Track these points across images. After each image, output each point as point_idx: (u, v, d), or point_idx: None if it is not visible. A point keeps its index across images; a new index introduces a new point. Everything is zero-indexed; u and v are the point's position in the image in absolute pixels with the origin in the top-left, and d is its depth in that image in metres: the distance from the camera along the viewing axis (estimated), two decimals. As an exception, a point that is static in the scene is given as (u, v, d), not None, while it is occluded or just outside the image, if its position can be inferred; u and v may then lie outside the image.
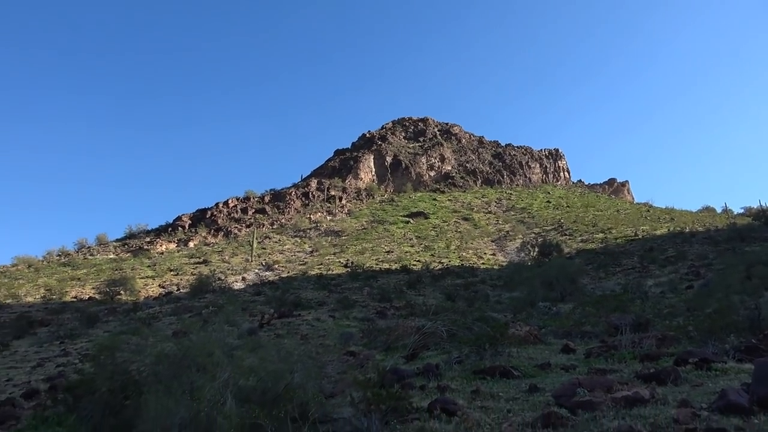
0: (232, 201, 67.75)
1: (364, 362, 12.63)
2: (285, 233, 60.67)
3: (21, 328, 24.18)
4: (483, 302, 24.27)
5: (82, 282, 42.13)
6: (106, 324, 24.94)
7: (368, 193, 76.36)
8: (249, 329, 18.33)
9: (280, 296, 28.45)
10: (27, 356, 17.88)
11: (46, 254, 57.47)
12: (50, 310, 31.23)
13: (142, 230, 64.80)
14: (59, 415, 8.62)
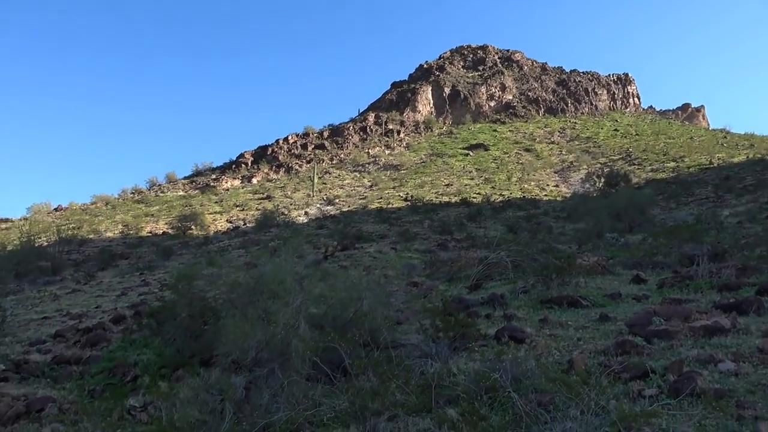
0: (291, 137, 68.50)
1: (427, 292, 12.78)
2: (344, 168, 61.12)
3: (104, 260, 25.91)
4: (546, 234, 23.85)
5: (155, 218, 44.33)
6: (180, 257, 26.28)
7: (426, 125, 75.19)
8: (314, 260, 18.85)
9: (342, 229, 28.98)
10: (111, 286, 19.18)
11: (121, 192, 60.62)
12: (128, 244, 33.19)
13: (208, 168, 66.93)
14: (145, 339, 9.23)
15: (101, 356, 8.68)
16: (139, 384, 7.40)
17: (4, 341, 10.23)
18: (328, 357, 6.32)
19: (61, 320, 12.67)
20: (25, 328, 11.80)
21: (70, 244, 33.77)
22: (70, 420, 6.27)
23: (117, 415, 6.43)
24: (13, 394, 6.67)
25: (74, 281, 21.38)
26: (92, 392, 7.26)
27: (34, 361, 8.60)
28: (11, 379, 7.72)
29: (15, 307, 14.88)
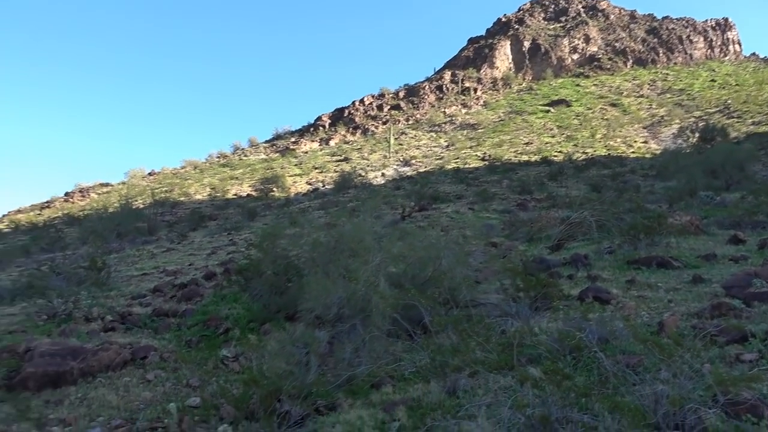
0: (367, 98, 68.53)
1: (506, 252, 12.60)
2: (420, 128, 60.61)
3: (195, 221, 27.41)
4: (633, 193, 22.70)
5: (239, 181, 46.16)
6: (264, 218, 27.30)
7: (505, 82, 72.74)
8: (392, 221, 19.01)
9: (419, 190, 28.93)
10: (202, 245, 20.29)
11: (208, 156, 63.48)
12: (216, 206, 34.86)
13: (287, 131, 68.51)
14: (234, 294, 9.74)
15: (195, 310, 9.25)
16: (231, 336, 7.86)
17: (110, 295, 11.12)
18: (408, 314, 6.42)
19: (159, 276, 13.59)
20: (128, 284, 12.76)
21: (163, 206, 35.97)
22: (170, 367, 6.78)
23: (212, 364, 6.87)
24: (120, 343, 7.27)
25: (168, 241, 22.80)
26: (189, 343, 7.78)
27: (136, 313, 9.31)
28: (118, 329, 8.41)
29: (118, 264, 16.11)
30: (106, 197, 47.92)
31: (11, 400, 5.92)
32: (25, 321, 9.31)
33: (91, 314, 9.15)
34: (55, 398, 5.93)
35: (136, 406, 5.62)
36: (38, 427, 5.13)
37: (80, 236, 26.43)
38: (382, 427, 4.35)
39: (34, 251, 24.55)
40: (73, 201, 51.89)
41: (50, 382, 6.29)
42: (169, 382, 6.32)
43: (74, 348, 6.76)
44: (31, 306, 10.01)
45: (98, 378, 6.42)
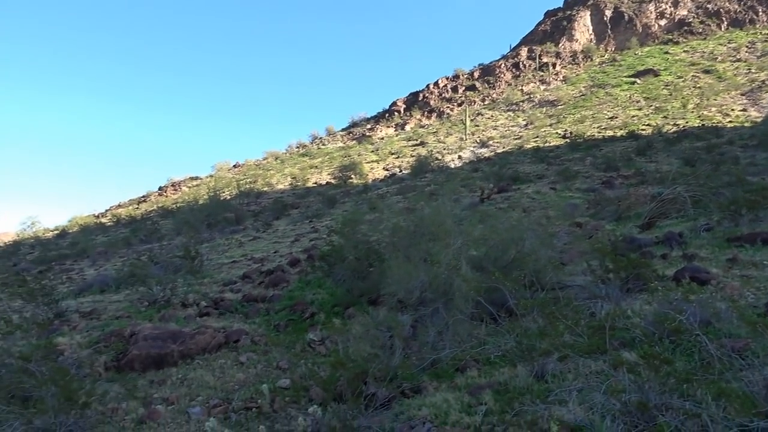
0: (442, 81, 67.73)
1: (593, 232, 12.09)
2: (497, 108, 59.23)
3: (278, 210, 28.33)
4: (732, 165, 21.08)
5: (318, 169, 47.18)
6: (343, 204, 27.77)
7: (585, 55, 69.43)
8: (471, 203, 18.76)
9: (498, 171, 28.36)
10: (285, 233, 20.96)
11: (288, 147, 65.32)
12: (297, 194, 35.85)
13: (363, 118, 69.12)
14: (318, 279, 9.99)
15: (282, 295, 9.58)
16: (316, 320, 8.08)
17: (204, 282, 11.74)
18: (491, 297, 6.31)
19: (247, 264, 14.18)
20: (219, 271, 13.41)
21: (248, 196, 37.43)
22: (261, 350, 7.07)
23: (299, 347, 7.10)
24: (214, 327, 7.65)
25: (254, 230, 23.73)
26: (277, 327, 8.07)
27: (228, 299, 9.77)
28: (212, 314, 8.87)
29: (209, 253, 16.96)
30: (196, 190, 50.52)
31: (120, 380, 6.41)
32: (129, 307, 10.02)
33: (187, 300, 9.71)
34: (158, 378, 6.34)
35: (231, 386, 5.90)
36: (144, 405, 5.51)
37: (174, 227, 28.06)
38: (469, 411, 4.31)
39: (134, 242, 26.36)
40: (166, 195, 55.14)
41: (153, 363, 6.74)
42: (261, 364, 6.60)
43: (174, 332, 7.20)
44: (134, 293, 10.76)
45: (196, 360, 6.81)
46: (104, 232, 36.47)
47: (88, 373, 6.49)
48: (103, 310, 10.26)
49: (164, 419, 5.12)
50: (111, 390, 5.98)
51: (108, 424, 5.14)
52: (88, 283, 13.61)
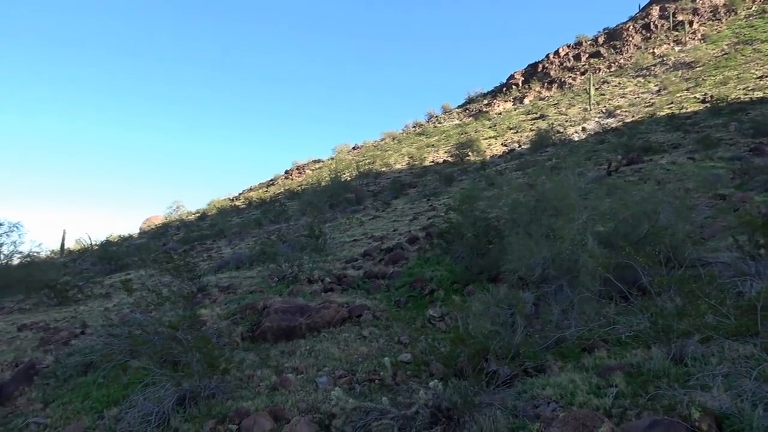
0: (563, 49, 64.29)
1: (739, 205, 10.92)
2: (625, 74, 55.12)
3: (396, 190, 28.75)
4: None
5: (435, 148, 47.09)
6: (461, 182, 27.52)
7: (728, 8, 62.20)
8: (596, 177, 17.72)
9: (626, 142, 26.46)
10: (404, 211, 21.23)
11: (405, 127, 65.87)
12: (415, 174, 36.09)
13: (479, 94, 67.72)
14: (437, 257, 10.01)
15: (402, 272, 9.73)
16: (436, 297, 8.11)
17: (327, 259, 12.24)
18: (621, 274, 5.92)
19: (367, 242, 14.57)
20: (341, 249, 13.91)
21: (367, 177, 38.36)
22: (382, 325, 7.24)
23: (419, 323, 7.18)
24: (338, 302, 7.96)
25: (374, 209, 24.30)
26: (397, 302, 8.22)
27: (350, 275, 10.11)
28: (335, 290, 9.23)
29: (332, 231, 17.65)
30: (318, 172, 52.69)
31: (255, 349, 6.88)
32: (262, 282, 10.72)
33: (312, 276, 10.19)
34: (288, 349, 6.73)
35: (355, 358, 6.11)
36: (276, 374, 5.88)
37: (299, 208, 29.52)
38: (597, 393, 4.10)
39: (264, 223, 28.13)
40: (291, 178, 58.12)
41: (284, 335, 7.17)
42: (382, 338, 6.76)
43: (301, 306, 7.59)
44: (265, 270, 11.49)
45: (322, 333, 7.14)
46: (238, 214, 39.31)
47: (227, 342, 7.05)
48: (238, 285, 11.08)
49: (294, 387, 5.43)
50: (247, 358, 6.46)
51: (245, 389, 5.54)
52: (225, 261, 14.76)
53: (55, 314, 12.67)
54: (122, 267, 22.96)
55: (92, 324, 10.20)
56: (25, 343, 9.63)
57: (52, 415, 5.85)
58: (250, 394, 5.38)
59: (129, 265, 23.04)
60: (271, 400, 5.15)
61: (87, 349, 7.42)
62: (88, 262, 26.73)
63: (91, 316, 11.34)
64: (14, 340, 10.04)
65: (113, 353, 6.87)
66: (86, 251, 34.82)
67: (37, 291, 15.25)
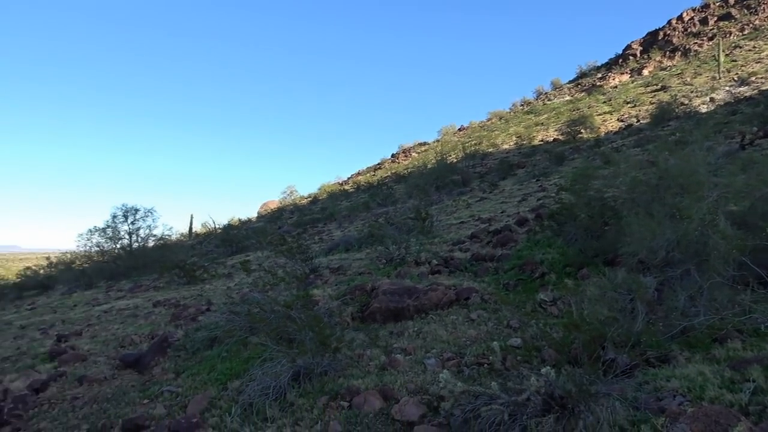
0: (687, 14, 58.89)
1: None
2: (761, 37, 49.46)
3: (504, 170, 28.04)
4: None
5: (545, 126, 45.29)
6: (572, 161, 26.27)
7: None
8: (727, 151, 16.12)
9: (763, 111, 23.77)
10: (512, 193, 20.67)
11: (512, 106, 64.02)
12: (523, 153, 34.99)
13: (592, 67, 64.04)
14: (547, 239, 9.64)
15: (510, 255, 9.48)
16: (547, 280, 7.81)
17: (434, 241, 12.23)
18: (758, 258, 5.34)
19: (474, 224, 14.37)
20: (447, 231, 13.84)
21: (473, 158, 37.78)
22: (491, 308, 7.11)
23: (530, 307, 6.96)
24: (445, 284, 7.92)
25: (481, 190, 23.90)
26: (506, 286, 8.03)
27: (457, 258, 10.02)
28: (442, 272, 9.20)
29: (438, 214, 17.61)
30: (424, 155, 52.72)
31: (364, 329, 7.05)
32: (370, 264, 10.94)
33: (419, 258, 10.23)
34: (396, 330, 6.82)
35: (463, 341, 6.06)
36: (386, 354, 5.97)
37: (406, 191, 29.75)
38: (731, 387, 3.74)
39: (372, 206, 28.68)
40: (398, 161, 58.67)
41: (392, 316, 7.27)
42: (491, 322, 6.64)
43: (409, 288, 7.64)
44: (373, 252, 11.71)
45: (430, 315, 7.15)
46: (347, 198, 40.42)
47: (338, 321, 7.28)
48: (348, 266, 11.40)
49: (403, 367, 5.49)
50: (357, 338, 6.63)
51: (355, 367, 5.69)
52: (336, 243, 15.24)
53: (185, 292, 13.78)
54: (242, 249, 24.49)
55: (216, 302, 10.98)
56: (159, 318, 10.57)
57: (182, 384, 6.38)
58: (360, 373, 5.51)
59: (248, 247, 24.54)
60: (381, 379, 5.25)
61: (212, 325, 7.99)
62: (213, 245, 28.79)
63: (215, 295, 12.21)
64: (150, 315, 11.06)
65: (235, 329, 7.35)
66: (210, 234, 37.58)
67: (169, 271, 16.67)
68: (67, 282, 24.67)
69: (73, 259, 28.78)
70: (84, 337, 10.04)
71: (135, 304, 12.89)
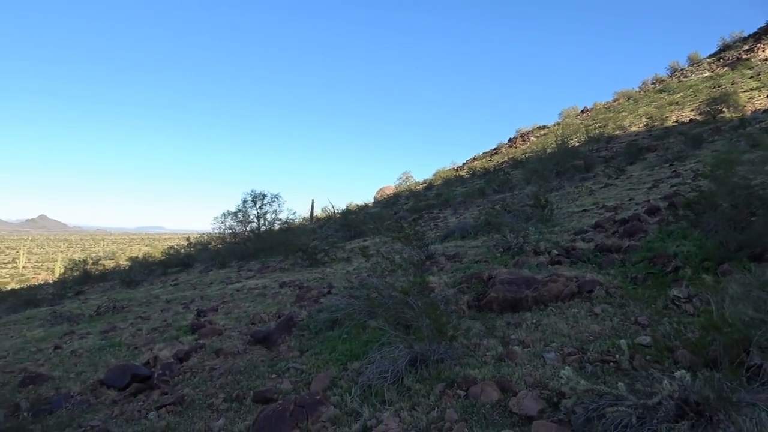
0: None
1: None
2: None
3: (631, 154, 26.23)
4: None
5: (680, 105, 41.65)
6: (712, 144, 23.98)
7: None
8: None
9: None
10: (641, 179, 19.29)
11: (642, 85, 59.52)
12: (654, 136, 32.47)
13: (738, 38, 57.63)
14: (682, 230, 8.89)
15: (639, 246, 8.88)
16: (681, 275, 7.22)
17: (554, 230, 11.78)
18: None
19: (598, 212, 13.62)
20: (569, 219, 13.25)
21: (597, 142, 35.75)
22: (616, 303, 6.72)
23: (661, 303, 6.48)
24: (566, 275, 7.61)
25: (605, 176, 22.58)
26: (634, 279, 7.53)
27: (579, 248, 9.57)
28: (563, 263, 8.84)
29: (558, 201, 16.91)
30: (543, 139, 50.78)
31: (480, 318, 6.98)
32: (486, 252, 10.79)
33: (538, 248, 9.91)
34: (514, 321, 6.68)
35: (585, 337, 5.80)
36: (502, 345, 5.88)
37: (524, 177, 28.88)
38: None
39: (488, 192, 28.22)
40: (515, 146, 57.07)
41: (509, 306, 7.13)
42: (617, 317, 6.28)
43: (527, 278, 7.44)
44: (490, 240, 11.53)
45: (549, 307, 6.91)
46: (462, 184, 40.08)
47: (454, 309, 7.28)
48: (464, 254, 11.33)
49: (521, 360, 5.37)
50: (473, 327, 6.59)
51: (471, 356, 5.67)
52: (451, 230, 15.20)
53: (307, 274, 14.50)
54: (360, 234, 25.23)
55: (336, 285, 11.44)
56: (285, 298, 11.22)
57: (306, 362, 6.74)
58: (477, 363, 5.48)
59: (365, 232, 25.22)
60: (498, 370, 5.18)
61: (333, 307, 8.34)
62: (332, 229, 29.93)
63: (336, 278, 12.71)
64: (277, 295, 11.77)
65: (354, 313, 7.61)
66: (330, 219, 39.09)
67: (293, 253, 17.61)
68: (204, 261, 26.96)
69: (209, 240, 31.40)
70: (219, 313, 10.93)
71: (263, 284, 13.79)
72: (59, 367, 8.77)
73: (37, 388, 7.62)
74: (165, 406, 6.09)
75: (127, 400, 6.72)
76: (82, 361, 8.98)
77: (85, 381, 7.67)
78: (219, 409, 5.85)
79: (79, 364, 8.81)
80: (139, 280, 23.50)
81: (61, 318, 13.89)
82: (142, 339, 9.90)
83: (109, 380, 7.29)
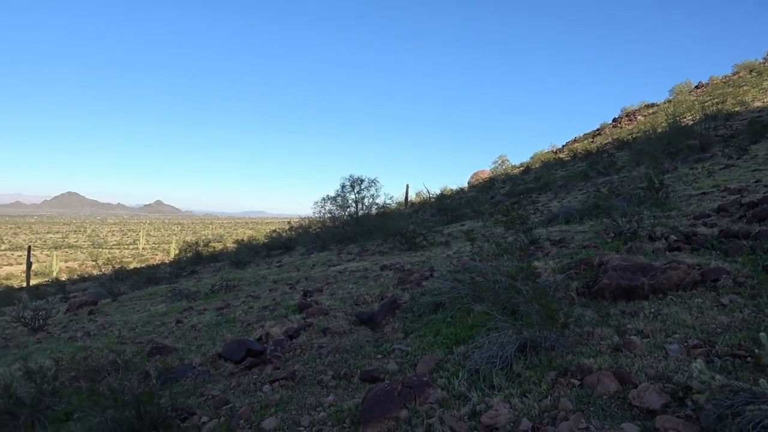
0: None
1: None
2: None
3: (755, 132, 23.89)
4: None
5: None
6: None
7: None
8: None
9: None
10: (767, 160, 17.57)
11: (766, 55, 54.02)
12: (783, 111, 29.39)
13: None
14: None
15: (772, 232, 8.09)
16: (824, 264, 6.51)
17: (671, 215, 11.01)
18: None
19: (720, 195, 12.57)
20: (687, 203, 12.33)
21: (715, 119, 32.93)
22: (747, 293, 6.17)
23: (801, 294, 5.88)
24: (687, 263, 7.09)
25: (725, 156, 20.78)
26: (766, 268, 6.89)
27: (701, 233, 8.88)
28: (683, 249, 8.25)
29: (673, 183, 15.79)
30: (652, 118, 47.61)
31: (592, 306, 6.69)
32: (595, 237, 10.31)
33: (654, 233, 9.32)
34: (629, 309, 6.33)
35: (712, 329, 5.38)
36: (618, 334, 5.59)
37: (632, 158, 27.26)
38: None
39: (591, 175, 26.92)
40: (620, 126, 53.94)
41: (623, 294, 6.76)
42: (747, 308, 5.77)
43: (643, 265, 7.02)
44: (598, 224, 11.00)
45: (668, 296, 6.48)
46: (562, 167, 38.55)
47: (563, 296, 7.01)
48: (570, 239, 10.90)
49: (640, 351, 5.08)
50: (585, 315, 6.32)
51: (584, 345, 5.44)
52: (554, 214, 14.66)
53: (407, 258, 14.60)
54: (457, 218, 25.05)
55: (438, 269, 11.42)
56: (387, 281, 11.38)
57: (411, 344, 6.80)
58: (591, 352, 5.25)
59: (462, 216, 24.98)
60: (615, 361, 4.94)
61: (435, 290, 8.33)
62: (428, 213, 29.96)
63: (436, 262, 12.70)
64: (378, 278, 11.96)
65: (458, 296, 7.56)
66: (425, 203, 39.13)
67: (391, 237, 17.80)
68: (305, 244, 27.99)
69: (309, 224, 32.53)
70: (324, 293, 11.30)
71: (364, 267, 14.08)
72: (181, 339, 9.50)
73: (163, 358, 8.29)
74: (278, 380, 6.40)
75: (242, 373, 7.13)
76: (201, 334, 9.66)
77: (205, 353, 8.24)
78: (328, 385, 6.05)
79: (198, 337, 9.48)
80: (247, 261, 24.85)
81: (179, 295, 15.00)
82: (253, 316, 10.47)
83: (226, 353, 7.77)
